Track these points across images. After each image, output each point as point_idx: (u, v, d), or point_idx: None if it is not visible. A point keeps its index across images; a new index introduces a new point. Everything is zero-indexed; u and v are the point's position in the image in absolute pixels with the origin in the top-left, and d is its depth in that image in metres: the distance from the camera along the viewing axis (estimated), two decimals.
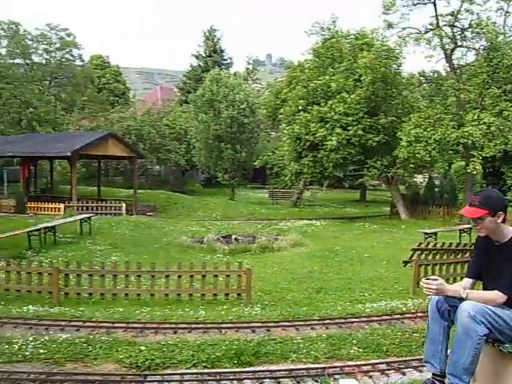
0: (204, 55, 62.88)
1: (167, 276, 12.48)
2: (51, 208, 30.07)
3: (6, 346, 8.61)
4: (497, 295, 4.21)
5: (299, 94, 31.08)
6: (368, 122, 29.40)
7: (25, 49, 49.54)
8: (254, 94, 45.09)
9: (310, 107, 30.25)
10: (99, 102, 54.01)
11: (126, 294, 12.45)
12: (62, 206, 29.81)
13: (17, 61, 51.03)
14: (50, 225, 20.78)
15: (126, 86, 68.58)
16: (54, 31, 50.54)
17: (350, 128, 29.06)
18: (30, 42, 50.24)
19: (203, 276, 12.46)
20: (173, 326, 10.07)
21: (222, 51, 63.77)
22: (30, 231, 19.56)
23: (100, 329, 9.78)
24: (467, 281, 4.61)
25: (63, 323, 10.07)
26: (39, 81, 51.53)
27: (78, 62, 52.95)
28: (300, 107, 30.69)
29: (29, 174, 35.92)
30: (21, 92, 45.54)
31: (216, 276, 12.56)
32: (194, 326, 10.07)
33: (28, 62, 51.26)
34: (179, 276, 12.45)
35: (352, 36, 33.00)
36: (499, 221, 4.27)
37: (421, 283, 4.48)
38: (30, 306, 11.47)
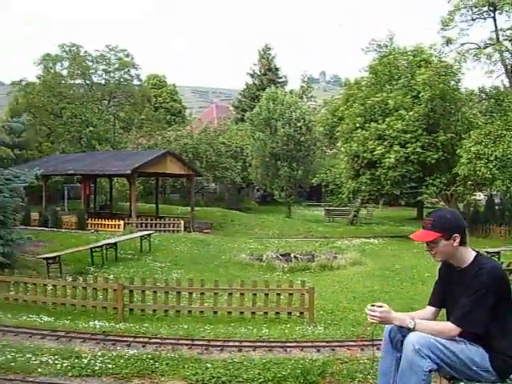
0: (259, 73, 63.25)
1: (230, 294, 12.52)
2: (111, 225, 30.61)
3: (76, 360, 8.70)
4: (449, 327, 3.88)
5: (356, 112, 30.97)
6: (427, 139, 29.05)
7: (85, 69, 50.92)
8: (309, 111, 45.07)
9: (367, 124, 30.10)
10: (156, 120, 55.01)
11: (190, 311, 12.54)
12: (121, 222, 30.29)
13: (77, 81, 52.58)
14: (111, 241, 21.18)
15: (182, 105, 69.61)
16: (112, 52, 51.77)
17: (408, 145, 28.74)
18: (89, 63, 51.53)
19: (266, 294, 12.46)
20: (237, 343, 10.05)
21: (276, 69, 64.02)
22: (93, 247, 19.95)
23: (165, 345, 9.82)
24: (429, 309, 4.31)
25: (129, 339, 10.16)
26: (99, 100, 52.82)
27: (135, 82, 54.17)
28: (357, 125, 30.56)
29: (89, 191, 36.65)
30: (81, 111, 46.75)
31: (278, 294, 12.54)
32: (258, 344, 10.02)
33: (88, 82, 52.69)
34: (242, 294, 12.49)
35: (409, 52, 32.77)
36: (455, 244, 3.95)
37: (365, 309, 4.12)
38: (96, 322, 11.64)
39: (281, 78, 64.10)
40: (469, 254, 4.02)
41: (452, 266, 4.12)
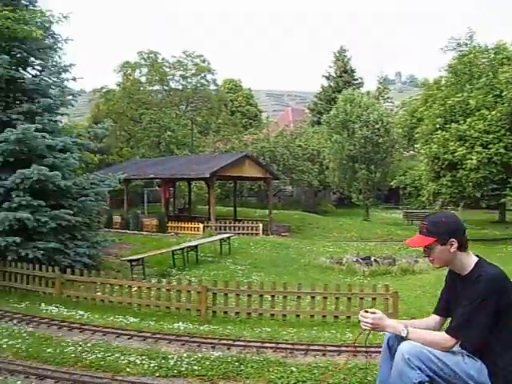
0: (334, 76, 62.95)
1: (313, 297, 12.48)
2: (191, 227, 31.00)
3: (162, 361, 8.83)
4: (444, 338, 3.64)
5: (436, 112, 30.31)
6: (510, 139, 28.15)
7: (163, 76, 52.02)
8: (387, 113, 44.54)
9: (447, 125, 29.39)
10: (233, 124, 55.51)
11: (272, 314, 12.55)
12: (200, 225, 30.66)
13: (155, 87, 53.77)
14: (192, 244, 21.50)
15: (258, 109, 69.94)
16: (189, 58, 52.65)
17: (490, 146, 27.92)
18: (167, 69, 52.60)
19: (349, 298, 12.35)
20: (321, 347, 9.97)
21: (352, 71, 63.57)
22: (174, 250, 20.29)
23: (250, 348, 9.85)
24: (433, 318, 4.10)
25: (214, 341, 10.25)
26: (176, 105, 53.82)
27: (212, 87, 54.91)
28: (437, 126, 29.92)
29: (169, 194, 37.31)
30: (159, 117, 47.73)
31: (361, 298, 12.40)
32: (342, 348, 9.92)
33: (166, 87, 53.77)
34: (324, 297, 12.41)
35: (491, 50, 31.86)
36: (452, 250, 3.71)
37: (358, 316, 4.01)
38: (180, 323, 11.80)
39: (356, 79, 63.59)
40: (470, 261, 3.79)
41: (456, 273, 3.91)
